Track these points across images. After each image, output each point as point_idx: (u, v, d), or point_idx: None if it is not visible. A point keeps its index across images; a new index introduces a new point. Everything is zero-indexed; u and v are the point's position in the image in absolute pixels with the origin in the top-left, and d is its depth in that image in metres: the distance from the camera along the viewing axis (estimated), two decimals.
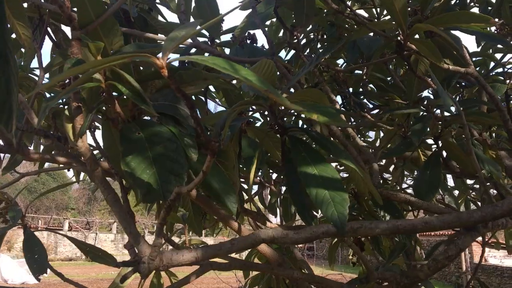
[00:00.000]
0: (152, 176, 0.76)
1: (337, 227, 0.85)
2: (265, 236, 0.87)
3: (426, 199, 1.36)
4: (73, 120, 0.82)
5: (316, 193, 0.89)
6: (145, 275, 0.79)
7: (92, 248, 1.38)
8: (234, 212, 0.92)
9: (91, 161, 0.84)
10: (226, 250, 0.88)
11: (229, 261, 1.32)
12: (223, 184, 0.90)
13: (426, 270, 1.15)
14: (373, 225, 0.84)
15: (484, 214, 0.75)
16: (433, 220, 0.81)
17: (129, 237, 0.83)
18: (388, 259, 1.89)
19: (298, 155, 0.96)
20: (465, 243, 1.10)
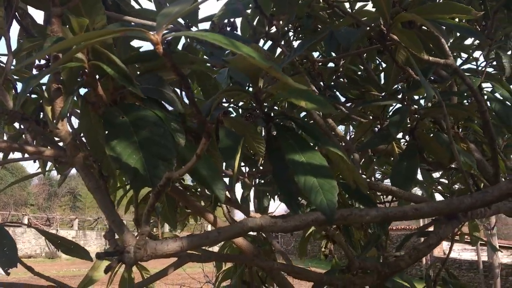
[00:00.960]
0: (138, 161, 0.72)
1: (326, 215, 0.84)
2: (253, 224, 0.85)
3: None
4: (52, 103, 0.77)
5: (305, 181, 0.88)
6: (131, 264, 0.75)
7: (64, 241, 1.33)
8: (223, 199, 0.89)
9: (71, 146, 0.80)
10: (212, 239, 0.85)
11: (208, 253, 1.29)
12: (210, 170, 0.87)
13: (407, 259, 1.16)
14: (363, 212, 0.84)
15: (474, 201, 0.76)
16: (423, 207, 0.81)
17: (112, 226, 0.79)
18: (362, 251, 1.90)
19: (285, 143, 0.95)
20: (446, 232, 1.11)
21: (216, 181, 0.87)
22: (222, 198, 0.88)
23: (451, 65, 1.25)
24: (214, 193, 0.88)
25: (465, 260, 15.36)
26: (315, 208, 0.87)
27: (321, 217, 0.84)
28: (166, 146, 0.75)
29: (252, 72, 0.94)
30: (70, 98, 0.75)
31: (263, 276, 2.26)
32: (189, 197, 1.77)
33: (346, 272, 1.21)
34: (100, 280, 1.80)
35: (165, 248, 0.82)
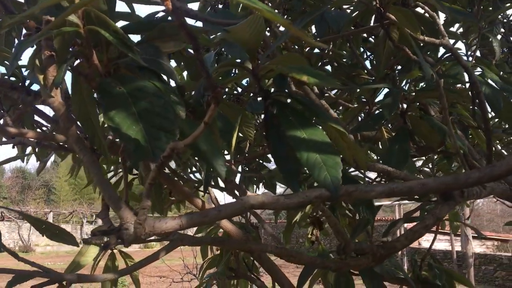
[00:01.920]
0: (139, 132, 0.69)
1: (330, 191, 0.81)
2: (254, 201, 0.82)
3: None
4: (45, 71, 0.72)
5: (307, 157, 0.85)
6: (130, 242, 0.72)
7: (49, 225, 1.28)
8: (224, 175, 0.86)
9: (65, 117, 0.75)
10: (212, 217, 0.82)
11: (201, 237, 1.26)
12: (211, 146, 0.84)
13: (403, 240, 1.15)
14: (369, 188, 0.82)
15: (482, 175, 0.74)
16: (429, 182, 0.79)
17: (108, 202, 0.75)
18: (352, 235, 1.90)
19: (285, 120, 0.92)
20: (442, 212, 1.11)
21: (217, 157, 0.84)
22: (222, 174, 0.85)
23: (446, 45, 1.24)
24: (214, 168, 0.85)
25: (439, 250, 15.67)
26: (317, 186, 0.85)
27: (325, 194, 0.81)
28: (167, 117, 0.71)
29: (251, 45, 0.91)
30: (63, 67, 0.71)
31: (250, 263, 2.24)
32: (177, 182, 1.73)
33: (341, 254, 1.19)
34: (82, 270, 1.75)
35: (163, 226, 0.79)
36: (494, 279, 12.43)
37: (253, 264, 2.17)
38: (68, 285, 1.19)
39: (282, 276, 1.76)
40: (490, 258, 12.92)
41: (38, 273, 1.14)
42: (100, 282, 1.11)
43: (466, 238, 12.19)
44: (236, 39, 0.90)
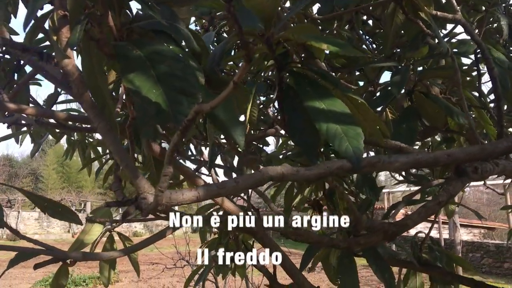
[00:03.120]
0: (159, 96, 0.65)
1: (352, 162, 0.79)
2: (274, 173, 0.80)
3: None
4: (58, 32, 0.69)
5: (327, 128, 0.83)
6: (149, 211, 0.68)
7: (51, 203, 1.24)
8: (242, 145, 0.83)
9: (79, 82, 0.72)
10: (230, 188, 0.79)
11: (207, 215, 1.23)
12: (229, 115, 0.81)
13: (416, 217, 1.13)
14: (392, 159, 0.80)
15: (509, 144, 0.72)
16: (456, 152, 0.77)
17: (126, 171, 0.72)
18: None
19: (303, 90, 0.89)
20: (456, 188, 1.09)
21: (236, 127, 0.81)
22: (241, 143, 0.82)
23: (459, 20, 1.22)
24: (233, 138, 0.82)
25: (425, 247, 15.80)
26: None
27: (347, 165, 0.79)
28: (188, 80, 0.68)
29: (267, 13, 0.87)
30: (78, 27, 0.67)
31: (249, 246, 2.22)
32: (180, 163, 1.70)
33: (352, 232, 1.17)
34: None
35: (180, 197, 0.76)
36: (481, 266, 12.60)
37: (253, 246, 2.15)
38: (72, 263, 1.16)
39: (285, 257, 1.74)
40: (477, 245, 13.09)
41: (42, 251, 1.11)
42: (105, 259, 1.08)
43: (454, 226, 12.33)
44: (252, 6, 0.87)
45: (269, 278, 1.88)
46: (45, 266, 1.15)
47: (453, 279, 1.88)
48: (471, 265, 2.14)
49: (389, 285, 1.55)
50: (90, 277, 11.38)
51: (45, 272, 12.74)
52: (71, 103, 2.25)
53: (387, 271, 1.57)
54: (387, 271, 1.57)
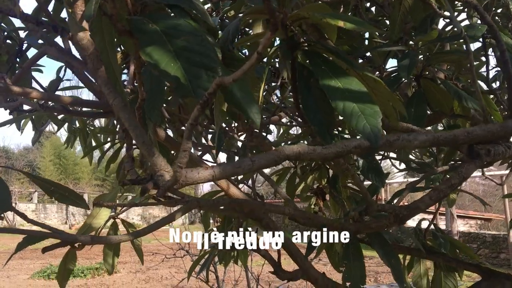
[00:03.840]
0: (178, 70, 0.64)
1: (370, 141, 0.78)
2: (290, 152, 0.78)
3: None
4: (73, 5, 0.67)
5: (344, 106, 0.81)
6: (167, 188, 0.67)
7: (58, 187, 1.22)
8: (258, 123, 0.82)
9: (94, 56, 0.70)
10: (246, 167, 0.78)
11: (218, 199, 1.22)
12: (245, 93, 0.79)
13: (427, 200, 1.12)
14: (411, 137, 0.78)
15: None
16: (476, 130, 0.76)
17: (141, 148, 0.70)
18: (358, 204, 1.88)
19: (318, 69, 0.88)
20: (469, 171, 1.08)
21: (251, 104, 0.80)
22: (257, 122, 0.80)
23: (471, 2, 1.21)
24: (249, 116, 0.80)
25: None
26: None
27: (365, 143, 0.78)
28: (207, 55, 0.67)
29: None
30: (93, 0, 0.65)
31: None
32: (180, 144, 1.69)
33: (363, 214, 1.17)
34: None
35: (196, 176, 0.75)
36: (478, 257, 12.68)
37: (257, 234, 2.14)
38: (80, 247, 1.15)
39: (290, 243, 1.74)
40: (474, 236, 13.16)
41: (50, 234, 1.09)
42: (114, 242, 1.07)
43: (451, 217, 12.40)
44: None
45: (274, 265, 1.87)
46: (42, 258, 1.14)
47: (459, 265, 1.88)
48: (474, 253, 2.14)
49: (396, 270, 1.55)
50: (88, 268, 11.39)
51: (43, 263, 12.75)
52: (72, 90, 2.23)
53: (393, 256, 1.57)
54: (393, 256, 1.57)
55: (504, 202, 11.11)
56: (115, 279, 11.13)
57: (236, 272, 5.62)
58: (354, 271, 1.59)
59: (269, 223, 1.73)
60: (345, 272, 1.60)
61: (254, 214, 1.75)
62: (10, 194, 1.09)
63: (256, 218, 1.74)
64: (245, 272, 5.37)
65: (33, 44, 1.75)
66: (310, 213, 1.28)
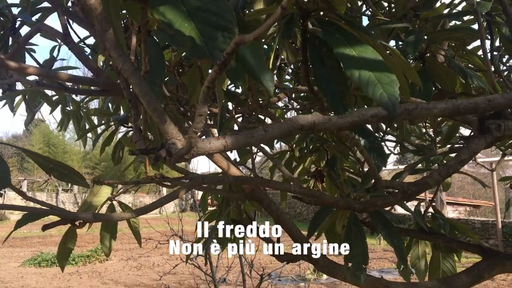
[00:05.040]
0: (192, 30, 0.61)
1: (388, 109, 0.75)
2: (304, 122, 0.76)
3: None
4: None
5: (359, 75, 0.79)
6: (180, 155, 0.64)
7: (57, 164, 1.19)
8: (271, 91, 0.79)
9: (102, 18, 0.66)
10: (259, 137, 0.75)
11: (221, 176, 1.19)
12: (258, 60, 0.76)
13: (437, 176, 1.11)
14: (431, 105, 0.76)
15: None
16: (497, 98, 0.74)
17: (153, 115, 0.67)
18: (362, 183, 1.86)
19: (332, 38, 0.85)
20: (479, 146, 1.06)
21: (265, 72, 0.77)
22: (270, 89, 0.77)
23: None
24: (262, 84, 0.77)
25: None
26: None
27: (382, 112, 0.75)
28: (222, 15, 0.63)
29: None
30: None
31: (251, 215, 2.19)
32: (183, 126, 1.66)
33: (372, 190, 1.15)
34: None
35: (207, 146, 0.72)
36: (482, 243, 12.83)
37: (255, 215, 2.13)
38: (81, 225, 1.12)
39: (291, 225, 1.72)
40: (463, 222, 13.29)
41: (50, 211, 1.06)
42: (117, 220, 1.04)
43: (441, 203, 12.51)
44: None
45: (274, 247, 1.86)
46: (33, 246, 1.11)
47: (459, 245, 1.88)
48: (473, 234, 2.14)
49: (399, 250, 1.54)
50: (79, 255, 11.35)
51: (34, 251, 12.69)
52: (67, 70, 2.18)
53: (397, 236, 1.55)
54: (397, 236, 1.55)
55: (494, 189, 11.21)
56: (106, 266, 11.11)
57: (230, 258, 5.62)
58: (356, 251, 1.58)
59: (271, 204, 1.71)
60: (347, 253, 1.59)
61: (255, 195, 1.72)
62: (9, 171, 1.05)
63: (257, 199, 1.72)
64: (239, 258, 5.37)
65: (26, 21, 1.69)
66: (315, 191, 1.26)
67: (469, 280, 1.63)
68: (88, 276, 10.06)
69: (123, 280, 9.51)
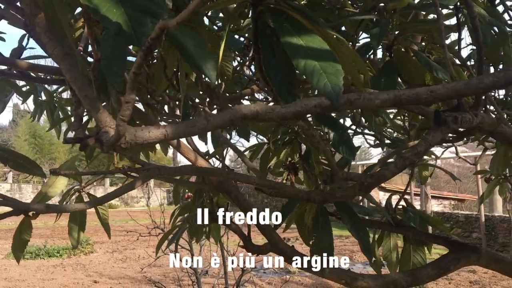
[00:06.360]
0: (120, 16, 0.59)
1: (331, 99, 0.74)
2: (247, 111, 0.75)
3: None
4: None
5: (305, 65, 0.78)
6: (111, 144, 0.63)
7: (11, 154, 1.16)
8: (213, 80, 0.77)
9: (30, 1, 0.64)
10: (201, 127, 0.74)
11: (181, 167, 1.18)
12: (199, 48, 0.75)
13: (393, 168, 1.10)
14: (373, 96, 0.75)
15: (496, 79, 0.69)
16: (439, 88, 0.73)
17: (84, 102, 0.66)
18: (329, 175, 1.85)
19: (280, 26, 0.83)
20: (435, 138, 1.06)
21: (206, 60, 0.75)
22: (212, 78, 0.76)
23: None
24: (203, 72, 0.76)
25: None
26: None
27: (325, 102, 0.74)
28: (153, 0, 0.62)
29: None
30: None
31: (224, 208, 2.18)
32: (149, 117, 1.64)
33: (328, 182, 1.14)
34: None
35: (146, 135, 0.70)
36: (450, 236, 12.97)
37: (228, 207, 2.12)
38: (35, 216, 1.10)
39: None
40: (448, 216, 13.44)
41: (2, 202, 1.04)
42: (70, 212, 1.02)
43: (426, 197, 12.62)
44: None
45: (244, 239, 1.85)
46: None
47: (427, 238, 1.89)
48: (445, 226, 2.16)
49: (364, 242, 1.55)
50: (64, 248, 11.28)
51: None
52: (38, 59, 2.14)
53: (362, 229, 1.56)
54: (362, 229, 1.56)
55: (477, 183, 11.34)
56: (91, 258, 11.06)
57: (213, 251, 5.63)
58: (322, 243, 1.58)
59: (238, 196, 1.70)
60: (313, 245, 1.59)
61: (223, 187, 1.71)
62: None
63: (225, 191, 1.71)
64: (221, 251, 5.38)
65: None
66: (276, 182, 1.25)
67: (434, 272, 1.64)
68: (72, 268, 10.01)
69: (108, 273, 9.47)
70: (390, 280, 1.65)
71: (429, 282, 1.73)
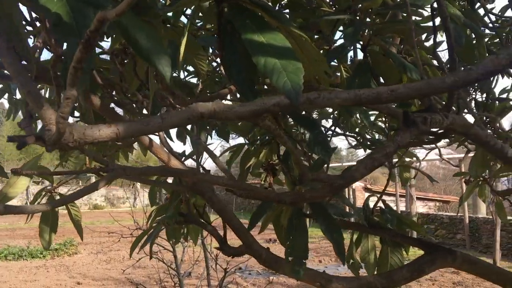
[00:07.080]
0: (62, 6, 0.56)
1: (290, 98, 0.72)
2: (204, 109, 0.72)
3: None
4: None
5: (265, 62, 0.75)
6: (52, 143, 0.60)
7: None
8: (168, 77, 0.75)
9: None
10: (155, 126, 0.71)
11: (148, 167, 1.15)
12: (153, 42, 0.72)
13: (362, 170, 1.08)
14: (333, 95, 0.73)
15: (457, 79, 0.67)
16: (400, 88, 0.71)
17: (28, 98, 0.63)
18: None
19: (241, 23, 0.81)
20: (404, 139, 1.04)
21: (160, 55, 0.72)
22: (166, 75, 0.73)
23: None
24: (157, 69, 0.73)
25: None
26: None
27: (285, 101, 0.72)
28: None
29: None
30: None
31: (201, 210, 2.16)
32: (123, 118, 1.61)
33: (298, 183, 1.12)
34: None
35: (96, 133, 0.68)
36: (435, 237, 13.07)
37: (204, 210, 2.09)
38: None
39: (232, 216, 1.69)
40: (432, 217, 13.55)
41: None
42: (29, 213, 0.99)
43: (411, 198, 12.69)
44: None
45: (220, 241, 1.83)
46: (0, 239, 1.06)
47: (403, 240, 1.88)
48: (423, 228, 2.15)
49: (337, 244, 1.53)
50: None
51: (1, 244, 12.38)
52: None
53: (335, 230, 1.54)
54: (335, 230, 1.54)
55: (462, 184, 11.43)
56: (75, 260, 10.94)
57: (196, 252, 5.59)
58: (297, 245, 1.56)
59: (212, 197, 1.67)
60: (288, 247, 1.56)
61: (197, 188, 1.69)
62: None
63: (199, 192, 1.68)
64: (204, 252, 5.35)
65: None
66: (246, 183, 1.23)
67: (409, 274, 1.63)
68: (55, 269, 9.89)
69: (92, 274, 9.37)
70: (365, 283, 1.64)
71: (405, 284, 1.71)
